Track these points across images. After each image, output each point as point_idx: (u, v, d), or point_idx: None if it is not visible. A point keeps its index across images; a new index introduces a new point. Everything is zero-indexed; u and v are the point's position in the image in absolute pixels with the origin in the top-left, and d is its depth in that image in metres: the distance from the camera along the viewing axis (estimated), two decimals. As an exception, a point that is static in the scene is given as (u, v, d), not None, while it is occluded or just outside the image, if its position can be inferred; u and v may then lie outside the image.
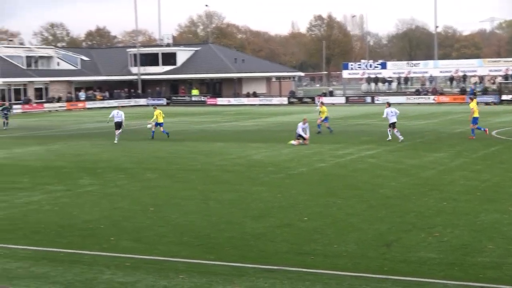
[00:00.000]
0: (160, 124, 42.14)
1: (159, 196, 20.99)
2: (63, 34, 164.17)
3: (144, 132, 46.83)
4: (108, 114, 44.42)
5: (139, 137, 42.88)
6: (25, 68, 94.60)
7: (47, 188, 22.90)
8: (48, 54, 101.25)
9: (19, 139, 43.66)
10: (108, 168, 28.00)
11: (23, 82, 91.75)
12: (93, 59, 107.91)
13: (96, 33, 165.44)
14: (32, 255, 14.30)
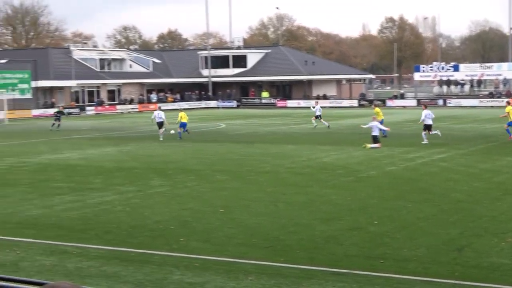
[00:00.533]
0: (183, 125, 44.65)
1: (229, 198, 21.10)
2: (135, 37, 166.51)
3: (213, 134, 47.20)
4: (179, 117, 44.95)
5: (209, 139, 43.18)
6: (98, 70, 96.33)
7: (119, 189, 23.25)
8: (120, 56, 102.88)
9: (92, 140, 44.45)
10: (178, 169, 28.27)
11: (97, 84, 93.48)
12: (164, 62, 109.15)
13: (168, 36, 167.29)
14: (103, 255, 14.53)
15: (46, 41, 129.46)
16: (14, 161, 32.37)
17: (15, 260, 14.15)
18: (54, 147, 39.47)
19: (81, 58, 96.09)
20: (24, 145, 41.82)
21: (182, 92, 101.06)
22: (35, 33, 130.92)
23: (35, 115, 77.90)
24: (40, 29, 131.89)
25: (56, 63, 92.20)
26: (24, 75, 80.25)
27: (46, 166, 30.24)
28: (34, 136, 48.53)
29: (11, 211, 19.58)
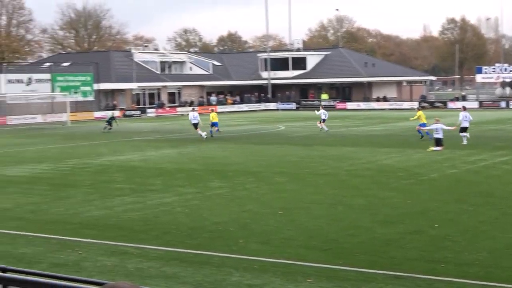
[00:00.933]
0: (215, 124, 48.45)
1: (288, 200, 21.06)
2: (195, 39, 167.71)
3: (272, 136, 47.23)
4: (239, 118, 45.24)
5: (268, 141, 43.22)
6: (159, 73, 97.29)
7: (179, 190, 23.42)
8: (181, 59, 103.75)
9: (153, 142, 44.90)
10: (238, 171, 28.35)
11: (157, 87, 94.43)
12: (224, 64, 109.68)
13: (227, 38, 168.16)
14: (163, 255, 14.64)
15: (108, 44, 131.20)
16: (76, 163, 32.88)
17: (77, 260, 14.35)
18: (115, 149, 39.99)
19: (142, 61, 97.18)
20: (86, 146, 42.47)
21: (242, 94, 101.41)
22: (97, 37, 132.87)
23: (97, 117, 79.01)
24: (102, 32, 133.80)
25: (117, 66, 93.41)
26: (87, 77, 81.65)
27: (107, 168, 30.65)
28: (95, 138, 49.24)
29: (73, 212, 19.89)
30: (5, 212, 20.10)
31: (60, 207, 20.69)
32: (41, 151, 40.05)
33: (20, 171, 29.93)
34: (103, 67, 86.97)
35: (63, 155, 37.22)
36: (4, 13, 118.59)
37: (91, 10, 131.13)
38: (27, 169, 30.56)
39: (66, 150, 40.44)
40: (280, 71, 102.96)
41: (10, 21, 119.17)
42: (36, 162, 33.60)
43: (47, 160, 34.53)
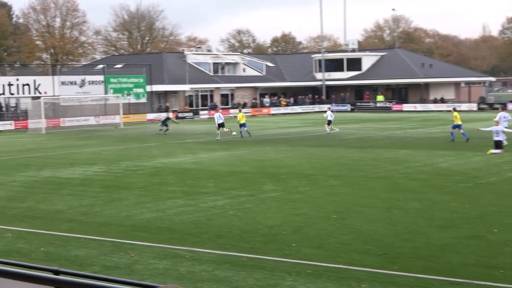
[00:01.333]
0: (243, 125, 49.88)
1: (342, 203, 20.98)
2: (249, 40, 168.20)
3: (326, 139, 47.09)
4: (292, 120, 45.28)
5: (322, 144, 43.11)
6: (212, 74, 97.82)
7: (231, 193, 23.50)
8: (234, 60, 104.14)
9: (205, 144, 45.16)
10: (291, 174, 28.34)
11: (210, 88, 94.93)
12: (278, 65, 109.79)
13: (281, 39, 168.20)
14: (215, 259, 14.71)
15: (161, 45, 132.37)
16: (129, 165, 33.25)
17: (129, 263, 14.51)
18: (168, 151, 40.32)
19: (195, 62, 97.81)
20: (138, 149, 42.92)
21: (295, 96, 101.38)
22: (150, 38, 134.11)
23: (150, 119, 79.82)
24: (155, 33, 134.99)
25: (170, 68, 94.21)
26: (139, 79, 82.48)
27: (159, 170, 30.92)
28: (148, 140, 49.74)
29: (126, 214, 20.11)
30: (58, 214, 20.43)
31: (112, 209, 20.95)
32: (94, 153, 40.61)
33: (73, 173, 30.38)
34: (156, 69, 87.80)
35: (115, 157, 37.68)
36: (58, 15, 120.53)
37: (144, 12, 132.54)
38: (80, 171, 31.02)
39: (119, 152, 40.92)
40: (335, 72, 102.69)
41: (64, 23, 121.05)
42: (89, 164, 34.08)
43: (100, 162, 34.99)
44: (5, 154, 40.75)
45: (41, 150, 43.02)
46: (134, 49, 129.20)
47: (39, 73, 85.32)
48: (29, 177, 29.27)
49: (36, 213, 20.69)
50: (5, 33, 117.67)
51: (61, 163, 34.96)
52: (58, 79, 74.77)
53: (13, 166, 33.84)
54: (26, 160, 37.07)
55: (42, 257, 15.14)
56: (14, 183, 27.69)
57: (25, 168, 32.94)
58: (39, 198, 23.54)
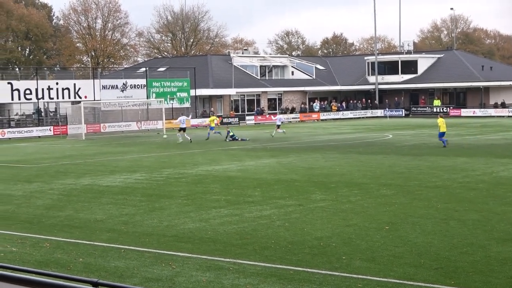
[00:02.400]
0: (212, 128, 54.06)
1: (396, 214, 20.83)
2: (298, 42, 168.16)
3: (379, 145, 46.83)
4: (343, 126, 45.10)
5: (375, 151, 42.88)
6: (258, 78, 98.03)
7: (278, 203, 23.48)
8: (282, 63, 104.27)
9: (251, 151, 45.21)
10: (341, 182, 28.23)
11: (257, 92, 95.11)
12: (328, 68, 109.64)
13: (332, 41, 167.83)
14: (261, 272, 14.69)
15: (206, 48, 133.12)
16: (171, 172, 33.44)
17: (171, 275, 14.57)
18: (212, 158, 40.48)
19: (241, 65, 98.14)
20: (181, 155, 43.15)
21: (347, 101, 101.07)
22: (194, 40, 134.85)
23: (193, 124, 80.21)
24: (200, 35, 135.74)
25: (215, 71, 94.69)
26: (183, 83, 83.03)
27: (203, 178, 31.04)
28: (191, 147, 49.97)
29: (167, 224, 20.21)
30: (97, 223, 20.62)
31: (154, 218, 21.07)
32: (135, 160, 40.95)
33: (113, 181, 30.67)
34: (200, 72, 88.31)
35: (157, 164, 37.94)
36: (100, 16, 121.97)
37: (188, 12, 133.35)
38: (120, 179, 31.29)
39: (161, 159, 41.19)
40: (389, 75, 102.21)
41: (106, 24, 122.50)
42: (130, 171, 34.37)
43: (141, 169, 35.27)
44: (44, 161, 41.31)
45: (80, 157, 43.52)
46: (177, 52, 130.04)
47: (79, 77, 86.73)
48: (68, 185, 29.62)
49: (75, 222, 20.92)
50: (45, 35, 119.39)
51: (101, 170, 35.32)
52: (98, 83, 75.63)
53: (52, 174, 34.28)
54: (65, 167, 37.52)
55: (80, 268, 15.29)
56: (52, 191, 28.04)
57: (63, 175, 33.34)
58: (78, 206, 23.80)
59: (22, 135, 67.67)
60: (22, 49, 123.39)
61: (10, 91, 69.20)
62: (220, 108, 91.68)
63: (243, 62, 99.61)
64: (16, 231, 19.76)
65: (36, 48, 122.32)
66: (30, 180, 31.64)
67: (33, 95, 70.82)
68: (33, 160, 42.42)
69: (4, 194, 27.35)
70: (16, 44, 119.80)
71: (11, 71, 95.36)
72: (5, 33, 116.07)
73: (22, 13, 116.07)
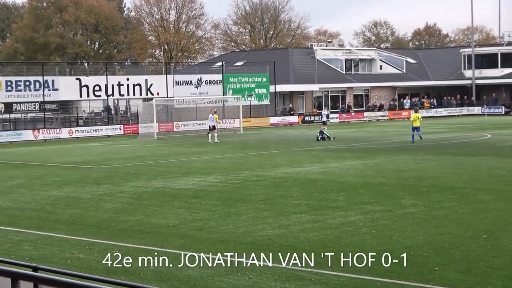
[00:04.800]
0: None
1: (494, 221, 20.48)
2: (387, 33, 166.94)
3: (476, 146, 46.16)
4: (437, 124, 44.62)
5: (471, 152, 42.26)
6: (344, 72, 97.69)
7: (365, 208, 23.32)
8: (370, 56, 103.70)
9: (335, 152, 45.04)
10: (434, 186, 27.90)
11: (342, 88, 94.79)
12: (420, 62, 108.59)
13: (424, 32, 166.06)
14: (345, 283, 14.58)
15: (287, 40, 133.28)
16: (248, 175, 33.55)
17: (248, 285, 14.60)
18: (292, 159, 40.47)
19: (325, 59, 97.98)
20: (259, 156, 43.25)
21: (441, 97, 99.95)
22: (274, 32, 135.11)
23: (273, 123, 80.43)
24: (281, 27, 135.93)
25: (297, 65, 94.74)
26: (262, 78, 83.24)
27: (283, 181, 31.05)
28: (270, 147, 50.06)
29: (244, 230, 20.26)
30: (169, 229, 20.79)
31: (229, 224, 21.15)
32: (210, 161, 41.22)
33: (186, 184, 30.92)
34: (280, 67, 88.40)
35: (234, 165, 38.12)
36: (173, 8, 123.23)
37: (268, 2, 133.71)
38: (194, 182, 31.53)
39: (237, 160, 41.38)
40: (487, 69, 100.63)
41: (180, 16, 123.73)
42: (205, 173, 34.61)
43: (216, 171, 35.48)
44: (113, 162, 41.93)
45: (152, 158, 44.02)
46: (256, 45, 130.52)
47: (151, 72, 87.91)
48: (138, 188, 29.98)
49: (145, 227, 21.14)
50: (115, 28, 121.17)
51: (173, 172, 35.66)
52: (172, 78, 76.44)
53: (122, 175, 34.75)
54: (136, 168, 38.01)
55: (151, 276, 15.44)
56: (122, 194, 28.42)
57: (134, 177, 33.77)
58: (149, 211, 24.06)
59: (91, 134, 68.81)
60: (91, 43, 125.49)
61: (78, 87, 70.41)
62: (302, 105, 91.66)
63: (326, 55, 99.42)
64: (84, 236, 20.07)
65: (106, 42, 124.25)
66: (98, 182, 32.14)
67: (102, 92, 71.96)
68: (102, 161, 43.09)
69: (72, 197, 27.83)
70: (85, 37, 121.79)
71: (80, 66, 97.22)
72: (74, 26, 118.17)
73: (91, 4, 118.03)
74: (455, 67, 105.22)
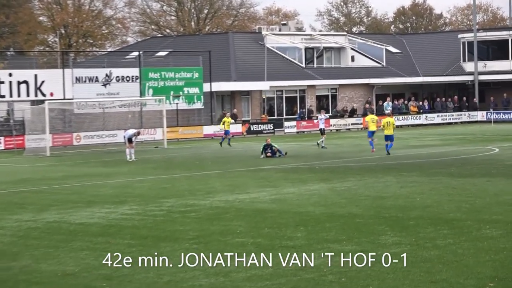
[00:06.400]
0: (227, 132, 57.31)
1: (504, 265, 20.69)
2: (361, 13, 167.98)
3: (480, 164, 46.62)
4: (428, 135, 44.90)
5: (474, 172, 42.67)
6: (303, 66, 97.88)
7: (331, 248, 23.38)
8: (338, 44, 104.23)
9: (292, 172, 45.14)
10: (424, 219, 28.08)
11: (301, 87, 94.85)
12: (405, 51, 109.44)
13: (411, 11, 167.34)
14: None
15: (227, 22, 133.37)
16: (175, 204, 33.48)
17: None
18: (234, 183, 40.50)
19: (278, 48, 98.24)
20: (190, 179, 43.22)
21: (433, 98, 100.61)
22: (210, 11, 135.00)
23: (208, 134, 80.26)
24: (218, 4, 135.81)
25: (240, 56, 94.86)
26: (194, 74, 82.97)
27: (222, 212, 31.04)
28: (205, 167, 50.02)
29: (169, 279, 20.22)
30: (67, 278, 20.63)
31: (149, 271, 21.09)
32: (123, 185, 41.11)
33: (90, 216, 30.76)
34: (218, 58, 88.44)
35: (155, 192, 38.06)
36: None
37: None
38: (101, 214, 31.39)
39: (161, 184, 41.31)
40: (494, 61, 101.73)
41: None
42: (115, 202, 34.48)
43: (131, 199, 35.37)
44: (-9, 187, 41.61)
45: (43, 182, 43.73)
46: (185, 29, 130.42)
47: (42, 65, 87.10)
48: (25, 222, 29.73)
49: (34, 276, 20.95)
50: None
51: (73, 201, 35.47)
52: (70, 73, 75.89)
53: (2, 206, 34.43)
54: (21, 196, 37.71)
55: None
56: (2, 231, 28.16)
57: (19, 208, 33.49)
58: (40, 254, 23.86)
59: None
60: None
61: None
62: (247, 109, 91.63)
63: (280, 42, 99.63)
64: None
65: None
66: (-31, 216, 31.84)
67: (-26, 93, 71.30)
68: (-25, 186, 42.72)
69: None
70: None
71: None
72: None
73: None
74: (452, 59, 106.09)
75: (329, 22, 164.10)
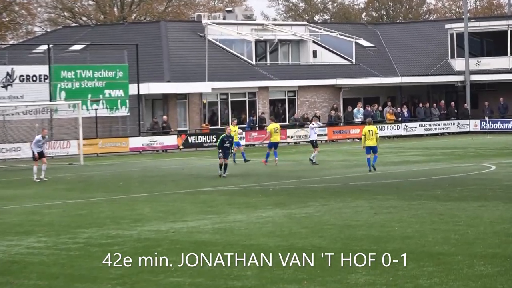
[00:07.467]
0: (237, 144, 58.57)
1: (501, 310, 20.88)
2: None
3: (473, 184, 46.91)
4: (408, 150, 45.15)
5: (464, 195, 42.91)
6: (253, 63, 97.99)
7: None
8: (296, 36, 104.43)
9: (239, 195, 45.21)
10: (403, 252, 28.15)
11: (250, 90, 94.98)
12: (380, 45, 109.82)
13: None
14: None
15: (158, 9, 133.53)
16: (94, 235, 33.45)
17: None
18: (169, 209, 40.54)
19: (222, 40, 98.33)
20: (113, 203, 43.18)
21: (414, 103, 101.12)
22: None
23: (135, 147, 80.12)
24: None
25: (175, 50, 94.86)
26: (117, 72, 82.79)
27: (153, 245, 31.05)
28: (132, 188, 49.97)
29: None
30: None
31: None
32: (28, 211, 40.96)
33: (-12, 251, 30.66)
34: (148, 53, 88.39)
35: (69, 219, 37.98)
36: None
37: None
38: (2, 247, 31.27)
39: (76, 210, 41.22)
40: (490, 58, 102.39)
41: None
42: (20, 233, 34.37)
43: (39, 229, 35.25)
44: None
45: None
46: (106, 17, 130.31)
47: None
48: None
49: None
50: None
51: (-34, 231, 35.34)
52: (-39, 72, 75.61)
53: None
54: None
55: None
56: None
57: None
58: None
59: None
60: None
61: None
62: (184, 117, 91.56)
63: (225, 34, 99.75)
64: None
65: None
66: None
67: None
68: None
69: None
70: None
71: None
72: None
73: None
74: (438, 55, 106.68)
75: (286, 9, 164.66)
